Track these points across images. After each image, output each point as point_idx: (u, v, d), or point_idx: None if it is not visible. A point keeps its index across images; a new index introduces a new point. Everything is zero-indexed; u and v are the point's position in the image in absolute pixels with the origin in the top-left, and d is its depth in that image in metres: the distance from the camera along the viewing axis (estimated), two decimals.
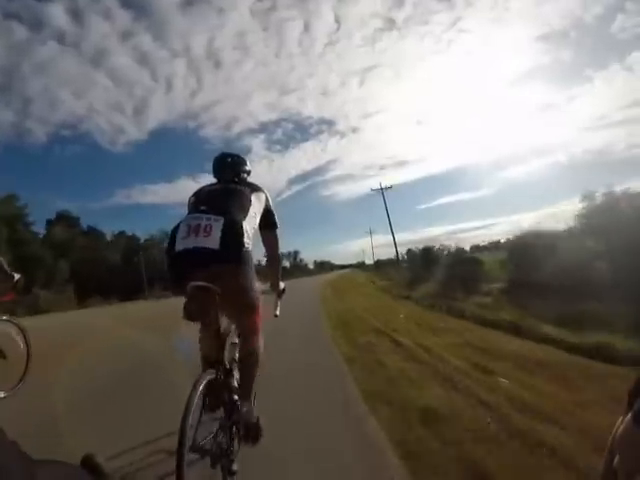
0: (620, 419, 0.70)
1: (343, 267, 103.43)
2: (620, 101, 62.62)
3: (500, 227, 60.46)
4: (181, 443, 1.22)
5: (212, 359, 1.64)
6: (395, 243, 29.49)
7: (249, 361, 1.76)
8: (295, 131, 67.49)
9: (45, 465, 0.67)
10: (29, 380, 3.19)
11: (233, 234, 1.64)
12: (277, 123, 62.17)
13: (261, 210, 1.93)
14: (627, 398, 0.71)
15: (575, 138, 57.48)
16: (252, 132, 61.03)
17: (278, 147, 59.77)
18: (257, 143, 57.46)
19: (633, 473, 0.61)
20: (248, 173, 2.09)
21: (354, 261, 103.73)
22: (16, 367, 3.13)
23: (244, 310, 1.75)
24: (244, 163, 2.09)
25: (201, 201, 1.79)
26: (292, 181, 69.20)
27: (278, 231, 2.07)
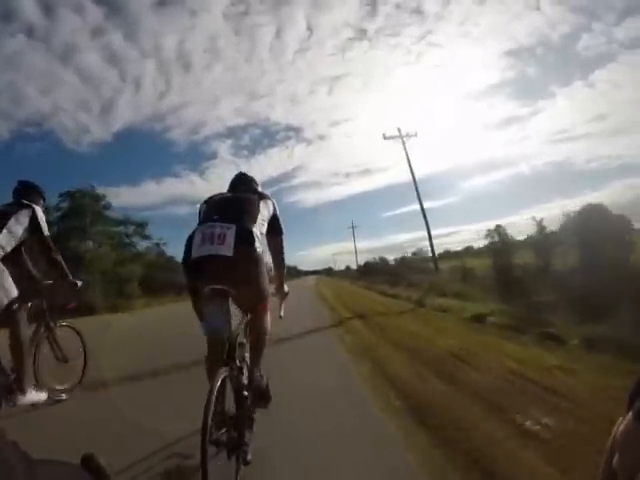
0: (620, 419, 0.69)
1: (309, 273, 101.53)
2: (581, 116, 66.75)
3: (462, 235, 63.04)
4: (204, 439, 1.33)
5: (222, 358, 1.69)
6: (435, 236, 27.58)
7: (259, 340, 1.95)
8: (262, 137, 67.71)
9: (45, 465, 0.67)
10: None
11: (245, 241, 1.75)
12: (245, 128, 62.24)
13: (268, 217, 2.04)
14: (627, 398, 0.68)
15: (537, 151, 60.79)
16: (219, 137, 60.83)
17: (245, 152, 59.79)
18: (224, 148, 57.32)
19: (634, 473, 0.59)
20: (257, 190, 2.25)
21: (320, 267, 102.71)
22: (75, 370, 3.24)
23: (256, 303, 1.88)
24: (256, 184, 2.28)
25: (213, 210, 1.90)
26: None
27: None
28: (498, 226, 10.74)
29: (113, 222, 23.16)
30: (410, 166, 15.85)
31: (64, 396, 3.07)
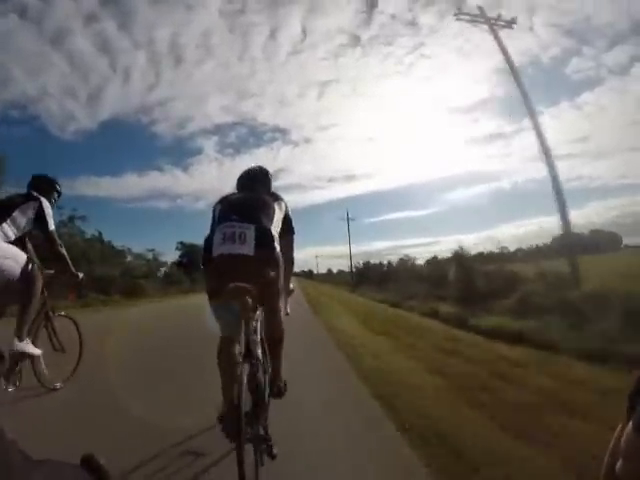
0: (620, 425, 0.69)
1: None
2: (566, 136, 67.65)
3: (440, 246, 65.44)
4: (239, 435, 1.42)
5: (240, 355, 1.74)
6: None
7: (276, 336, 1.99)
8: (249, 136, 67.88)
9: (44, 465, 0.66)
10: None
11: (265, 241, 1.81)
12: (232, 127, 62.85)
13: (282, 217, 2.09)
14: (627, 401, 0.69)
15: (520, 167, 61.32)
16: (205, 133, 61.14)
17: (230, 150, 59.90)
18: (209, 145, 57.45)
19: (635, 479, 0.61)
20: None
21: (299, 270, 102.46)
22: (70, 359, 3.31)
23: (273, 301, 1.94)
24: (271, 178, 2.31)
25: (230, 210, 1.92)
26: None
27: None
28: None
29: None
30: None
31: (59, 385, 3.13)
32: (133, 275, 25.52)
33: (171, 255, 39.23)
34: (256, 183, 2.20)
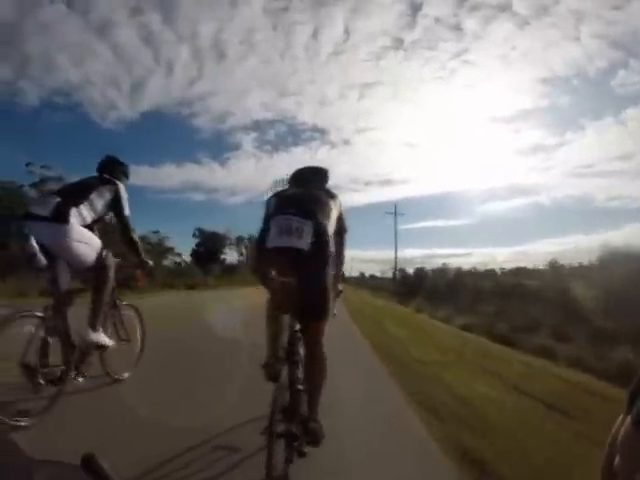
0: (620, 418, 0.70)
1: None
2: (608, 153, 62.49)
3: (474, 258, 61.69)
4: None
5: (279, 352, 1.80)
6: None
7: (319, 335, 1.89)
8: (287, 134, 68.02)
9: (44, 466, 0.67)
10: None
11: (320, 236, 1.81)
12: (271, 124, 63.33)
13: (337, 215, 2.07)
14: (628, 397, 0.69)
15: (559, 182, 57.26)
16: (245, 129, 61.91)
17: (268, 147, 60.33)
18: (248, 140, 57.90)
19: (633, 474, 0.62)
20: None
21: None
22: (135, 348, 3.26)
23: (320, 298, 1.85)
24: (328, 177, 2.28)
25: (288, 204, 1.93)
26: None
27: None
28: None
29: None
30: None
31: (126, 375, 3.08)
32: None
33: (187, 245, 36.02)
34: (312, 180, 2.19)
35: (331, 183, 2.29)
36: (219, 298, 13.29)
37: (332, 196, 2.10)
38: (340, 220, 2.12)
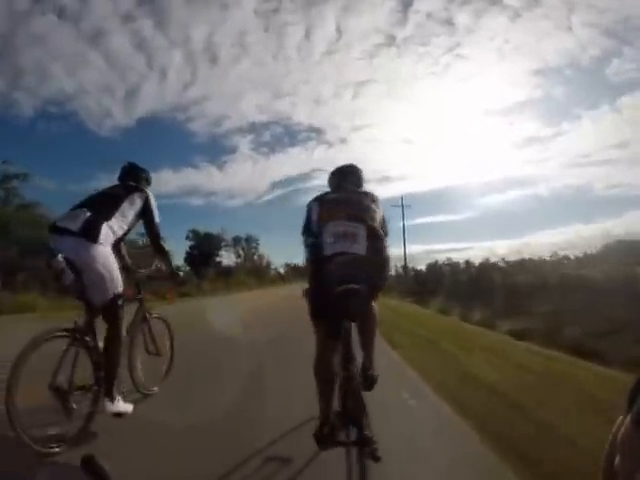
0: (620, 418, 0.70)
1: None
2: (605, 142, 61.07)
3: (473, 252, 61.36)
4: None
5: (336, 358, 1.73)
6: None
7: (372, 335, 2.08)
8: (283, 135, 68.26)
9: (44, 467, 0.68)
10: None
11: (375, 239, 1.80)
12: (266, 125, 63.65)
13: (381, 218, 2.04)
14: (628, 397, 0.69)
15: (557, 173, 56.15)
16: (240, 131, 62.43)
17: (264, 149, 60.63)
18: (244, 143, 58.46)
19: (633, 473, 0.62)
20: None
21: None
22: (164, 361, 3.14)
23: (374, 299, 2.02)
24: (363, 177, 2.31)
25: (335, 209, 1.90)
26: (275, 185, 71.05)
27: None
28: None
29: None
30: None
31: (155, 389, 2.96)
32: None
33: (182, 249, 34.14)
34: (351, 182, 2.18)
35: None
36: (218, 310, 10.71)
37: (374, 199, 2.08)
38: (383, 222, 2.07)
